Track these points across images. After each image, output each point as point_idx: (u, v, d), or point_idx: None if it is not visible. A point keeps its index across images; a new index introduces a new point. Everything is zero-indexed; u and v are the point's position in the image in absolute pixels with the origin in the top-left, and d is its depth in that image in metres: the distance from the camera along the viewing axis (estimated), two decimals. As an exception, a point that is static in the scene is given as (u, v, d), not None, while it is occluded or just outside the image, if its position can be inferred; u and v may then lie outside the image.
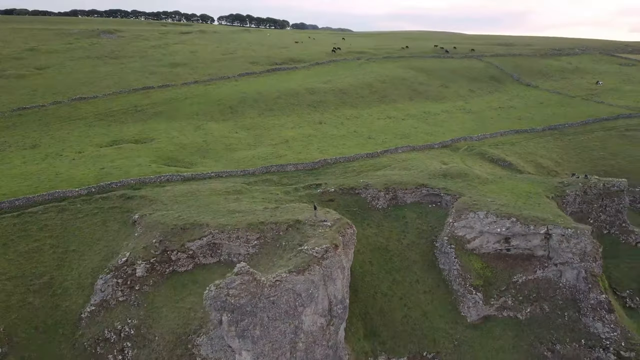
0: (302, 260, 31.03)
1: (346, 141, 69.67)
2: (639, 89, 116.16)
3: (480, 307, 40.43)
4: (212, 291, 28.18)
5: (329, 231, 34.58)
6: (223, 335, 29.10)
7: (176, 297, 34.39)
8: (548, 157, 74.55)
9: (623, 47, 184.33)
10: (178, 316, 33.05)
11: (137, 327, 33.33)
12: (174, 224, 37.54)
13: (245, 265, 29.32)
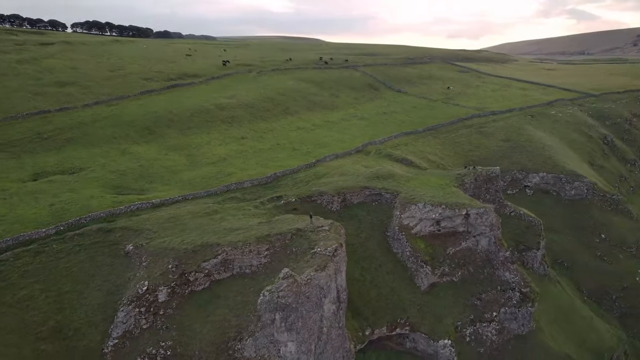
0: (320, 260, 37.99)
1: (277, 154, 76.42)
2: (478, 92, 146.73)
3: (429, 277, 52.14)
4: (267, 296, 33.45)
5: (331, 233, 42.00)
6: (273, 332, 34.47)
7: (205, 313, 37.79)
8: (434, 153, 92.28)
9: (458, 54, 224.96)
10: (212, 328, 36.76)
11: (172, 347, 35.98)
12: (184, 248, 40.35)
13: (289, 271, 35.17)
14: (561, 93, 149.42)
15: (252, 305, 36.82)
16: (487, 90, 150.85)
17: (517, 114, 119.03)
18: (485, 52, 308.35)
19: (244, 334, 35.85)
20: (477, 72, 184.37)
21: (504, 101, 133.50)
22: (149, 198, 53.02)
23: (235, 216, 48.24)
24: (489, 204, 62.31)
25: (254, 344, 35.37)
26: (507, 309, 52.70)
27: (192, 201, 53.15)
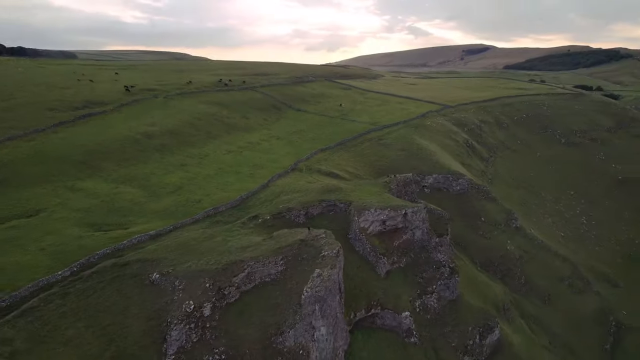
0: (329, 261, 48.32)
1: (226, 178, 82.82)
2: (365, 108, 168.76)
3: (386, 265, 65.82)
4: (309, 292, 42.62)
5: (328, 239, 52.31)
6: (312, 320, 43.67)
7: (244, 319, 44.74)
8: (349, 165, 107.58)
9: (336, 72, 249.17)
10: (255, 330, 44.13)
11: (225, 352, 42.43)
12: (214, 268, 46.39)
13: (320, 271, 44.64)
14: (429, 106, 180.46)
15: (285, 305, 45.50)
16: (372, 105, 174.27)
17: (403, 126, 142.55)
18: (353, 68, 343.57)
19: (283, 328, 44.33)
20: (357, 88, 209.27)
21: (389, 115, 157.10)
22: (140, 231, 56.13)
23: (234, 237, 55.20)
24: (410, 202, 79.07)
25: (294, 334, 44.14)
26: (442, 282, 69.17)
27: (183, 229, 57.94)
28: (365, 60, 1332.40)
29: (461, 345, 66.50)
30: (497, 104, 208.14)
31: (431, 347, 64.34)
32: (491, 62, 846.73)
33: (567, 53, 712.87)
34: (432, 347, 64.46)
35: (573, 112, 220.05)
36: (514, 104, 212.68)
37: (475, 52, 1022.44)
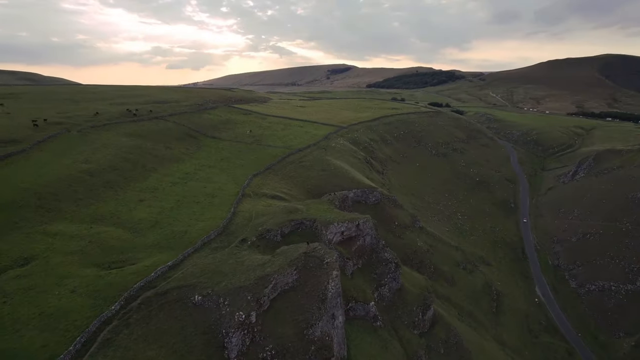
0: (333, 265, 61.56)
1: (192, 208, 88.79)
2: (274, 133, 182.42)
3: (351, 267, 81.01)
4: (333, 288, 55.18)
5: (326, 250, 65.14)
6: (334, 312, 56.22)
7: (279, 320, 55.18)
8: (285, 187, 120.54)
9: (229, 97, 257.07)
10: (290, 327, 54.97)
11: (274, 348, 52.60)
12: (249, 284, 55.62)
13: (337, 273, 57.29)
14: (326, 128, 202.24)
15: (308, 304, 57.50)
16: (277, 130, 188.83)
17: (314, 148, 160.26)
18: (241, 91, 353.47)
19: (312, 322, 56.29)
20: (257, 113, 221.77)
21: (297, 139, 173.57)
22: (154, 264, 61.52)
23: (243, 257, 64.45)
24: (359, 214, 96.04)
25: (321, 325, 56.41)
26: (390, 275, 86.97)
27: (192, 257, 64.80)
28: (236, 79, 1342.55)
29: (410, 322, 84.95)
30: (379, 123, 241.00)
31: (391, 327, 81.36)
32: (355, 81, 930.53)
33: (416, 73, 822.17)
34: (392, 326, 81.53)
35: (437, 127, 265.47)
36: (392, 122, 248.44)
37: (339, 72, 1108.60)
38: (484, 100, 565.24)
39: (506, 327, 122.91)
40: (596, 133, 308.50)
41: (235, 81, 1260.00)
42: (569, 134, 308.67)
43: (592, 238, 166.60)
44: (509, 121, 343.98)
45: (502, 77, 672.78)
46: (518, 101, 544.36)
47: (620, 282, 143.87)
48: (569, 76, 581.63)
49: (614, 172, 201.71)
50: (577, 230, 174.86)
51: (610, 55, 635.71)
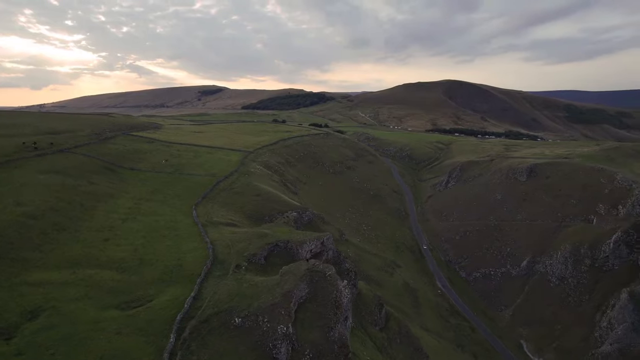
0: (335, 277, 72.38)
1: (165, 242, 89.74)
2: (189, 161, 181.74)
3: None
4: (348, 295, 65.85)
5: (324, 265, 75.13)
6: (347, 315, 66.90)
7: (306, 328, 63.75)
8: (231, 214, 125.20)
9: (120, 123, 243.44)
10: (317, 333, 64.10)
11: (310, 352, 61.29)
12: (277, 300, 62.85)
13: (346, 282, 67.91)
14: (236, 153, 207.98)
15: (324, 312, 67.47)
16: (191, 158, 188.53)
17: (238, 174, 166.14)
18: (121, 117, 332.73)
19: (331, 325, 66.39)
20: (159, 141, 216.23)
21: (217, 166, 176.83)
22: (174, 298, 64.24)
23: (251, 280, 70.88)
24: (320, 232, 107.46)
25: (338, 327, 66.86)
26: (352, 282, 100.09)
27: (206, 287, 68.76)
28: (93, 101, 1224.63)
29: (372, 321, 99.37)
30: (280, 146, 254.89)
31: (361, 326, 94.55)
32: (228, 102, 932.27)
33: (289, 95, 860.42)
34: (361, 325, 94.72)
35: (330, 147, 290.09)
36: (291, 145, 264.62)
37: (211, 93, 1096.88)
38: (355, 119, 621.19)
39: (425, 316, 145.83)
40: (453, 147, 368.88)
41: (93, 103, 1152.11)
42: (434, 148, 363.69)
43: (471, 235, 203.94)
44: (384, 139, 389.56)
45: (367, 98, 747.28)
46: (384, 120, 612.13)
47: (496, 267, 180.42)
48: (422, 97, 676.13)
49: (477, 179, 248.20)
50: (458, 230, 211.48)
51: (450, 81, 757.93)
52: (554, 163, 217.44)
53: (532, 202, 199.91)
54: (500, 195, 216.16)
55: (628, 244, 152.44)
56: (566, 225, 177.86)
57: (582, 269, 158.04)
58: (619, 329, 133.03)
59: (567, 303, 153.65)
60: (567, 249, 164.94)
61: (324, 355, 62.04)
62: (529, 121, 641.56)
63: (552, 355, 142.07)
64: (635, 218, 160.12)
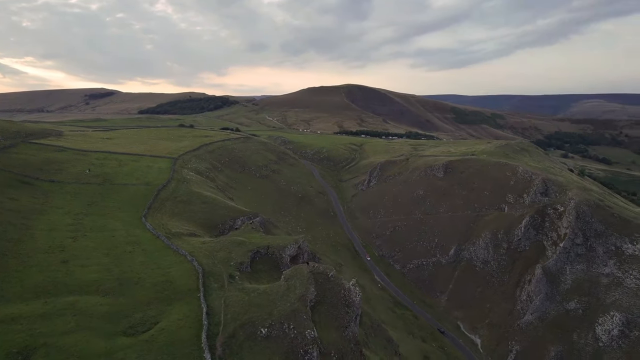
0: (338, 278, 72.96)
1: (138, 258, 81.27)
2: (114, 170, 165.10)
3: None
4: (359, 294, 66.85)
5: (326, 265, 74.80)
6: (359, 312, 67.90)
7: (324, 329, 63.38)
8: (185, 224, 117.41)
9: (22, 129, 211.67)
10: (335, 332, 64.27)
11: (332, 350, 61.28)
12: (295, 307, 61.27)
13: (355, 280, 68.66)
14: (163, 160, 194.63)
15: (338, 312, 67.91)
16: (114, 166, 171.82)
17: (175, 182, 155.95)
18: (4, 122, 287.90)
19: (345, 324, 67.13)
20: (71, 149, 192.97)
21: (148, 174, 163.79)
22: (181, 317, 59.00)
23: (256, 289, 68.09)
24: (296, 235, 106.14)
25: (352, 326, 67.80)
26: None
27: (210, 301, 64.18)
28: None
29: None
30: (203, 151, 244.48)
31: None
32: (122, 106, 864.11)
33: (190, 99, 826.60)
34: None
35: (252, 152, 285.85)
36: (215, 150, 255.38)
37: (100, 96, 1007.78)
38: (263, 123, 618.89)
39: (377, 310, 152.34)
40: (366, 147, 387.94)
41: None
42: (349, 149, 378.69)
43: (400, 229, 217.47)
44: (301, 142, 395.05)
45: (273, 101, 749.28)
46: (292, 123, 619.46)
47: (427, 258, 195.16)
48: (327, 101, 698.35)
49: (397, 178, 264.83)
50: (388, 226, 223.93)
51: (351, 85, 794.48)
52: (465, 160, 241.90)
53: (451, 196, 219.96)
54: (422, 191, 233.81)
55: (535, 227, 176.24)
56: (483, 215, 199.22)
57: (500, 252, 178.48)
58: (537, 299, 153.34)
59: (492, 283, 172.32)
60: (487, 236, 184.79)
61: (346, 356, 62.69)
62: (423, 122, 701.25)
63: (485, 331, 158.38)
64: (537, 204, 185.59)
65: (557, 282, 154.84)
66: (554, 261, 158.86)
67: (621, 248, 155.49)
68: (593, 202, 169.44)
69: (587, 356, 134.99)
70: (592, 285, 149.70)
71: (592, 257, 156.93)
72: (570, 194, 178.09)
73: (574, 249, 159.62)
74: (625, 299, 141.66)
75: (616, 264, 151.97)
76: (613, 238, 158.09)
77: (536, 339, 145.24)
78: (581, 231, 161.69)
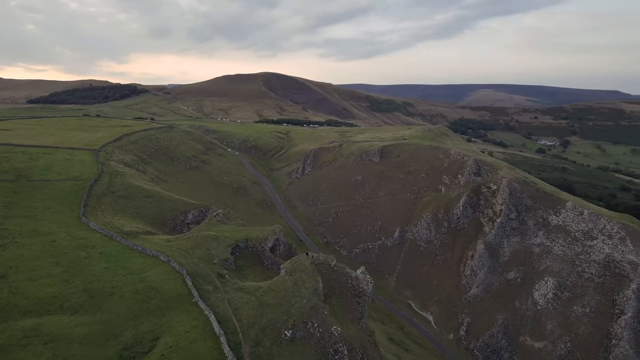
0: (341, 267, 67.82)
1: (100, 264, 67.85)
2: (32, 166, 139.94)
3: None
4: (371, 282, 62.36)
5: (325, 255, 68.76)
6: (367, 303, 63.52)
7: (342, 323, 58.00)
8: (134, 222, 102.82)
9: None
10: (352, 327, 59.30)
11: (359, 346, 56.42)
12: (313, 302, 54.81)
13: (364, 268, 63.81)
14: (84, 153, 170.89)
15: (348, 303, 63.03)
16: (25, 160, 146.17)
17: (108, 176, 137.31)
18: None
19: (359, 316, 62.55)
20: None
21: (71, 168, 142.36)
22: (194, 327, 49.33)
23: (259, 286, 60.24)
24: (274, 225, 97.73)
25: (365, 316, 63.41)
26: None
27: (215, 306, 54.96)
28: None
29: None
30: (126, 142, 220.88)
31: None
32: (6, 95, 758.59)
33: (91, 87, 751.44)
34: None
35: (178, 142, 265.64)
36: (138, 141, 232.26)
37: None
38: (178, 113, 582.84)
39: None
40: (293, 136, 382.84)
41: None
42: (276, 138, 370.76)
43: (342, 215, 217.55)
44: (225, 131, 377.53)
45: (186, 90, 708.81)
46: (209, 113, 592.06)
47: (373, 241, 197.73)
48: (244, 90, 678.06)
49: (332, 164, 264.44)
50: (329, 212, 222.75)
51: (268, 73, 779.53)
52: (399, 144, 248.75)
53: (390, 180, 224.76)
54: (360, 176, 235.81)
55: (472, 205, 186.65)
56: (422, 197, 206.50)
57: (442, 231, 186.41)
58: (481, 273, 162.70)
59: (436, 262, 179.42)
60: (428, 217, 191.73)
61: (367, 348, 58.51)
62: (341, 111, 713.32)
63: (435, 307, 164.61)
64: (472, 184, 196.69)
65: (497, 255, 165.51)
66: (493, 236, 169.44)
67: (547, 220, 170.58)
68: (521, 180, 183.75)
69: (528, 320, 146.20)
70: (527, 255, 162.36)
71: (525, 229, 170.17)
72: (501, 173, 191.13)
73: (509, 224, 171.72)
74: (555, 265, 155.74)
75: (545, 234, 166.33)
76: (540, 211, 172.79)
77: (483, 309, 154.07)
78: (514, 206, 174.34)
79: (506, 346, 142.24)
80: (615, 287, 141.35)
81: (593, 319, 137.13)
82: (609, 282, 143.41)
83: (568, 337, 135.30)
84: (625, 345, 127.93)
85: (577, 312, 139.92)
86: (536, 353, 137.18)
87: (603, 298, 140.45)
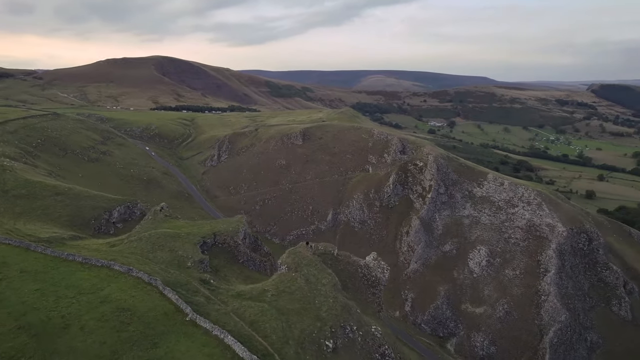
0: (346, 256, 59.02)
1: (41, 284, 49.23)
2: None
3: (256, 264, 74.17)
4: (385, 270, 54.65)
5: (327, 245, 58.90)
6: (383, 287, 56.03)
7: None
8: (37, 226, 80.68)
9: None
10: (373, 320, 51.32)
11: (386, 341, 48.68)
12: (341, 301, 45.20)
13: (375, 254, 55.63)
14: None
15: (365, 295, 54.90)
16: None
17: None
18: None
19: (379, 307, 54.82)
20: None
21: None
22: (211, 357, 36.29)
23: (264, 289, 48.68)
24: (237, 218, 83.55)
25: (383, 308, 55.84)
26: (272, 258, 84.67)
27: (226, 324, 42.08)
28: None
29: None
30: (2, 132, 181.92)
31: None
32: None
33: None
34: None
35: (70, 131, 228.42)
36: (18, 130, 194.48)
37: None
38: (56, 101, 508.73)
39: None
40: (199, 122, 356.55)
41: None
42: (181, 125, 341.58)
43: (270, 202, 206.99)
44: (121, 119, 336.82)
45: (63, 75, 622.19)
46: (95, 100, 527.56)
47: (306, 226, 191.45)
48: (134, 75, 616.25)
49: (251, 150, 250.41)
50: (255, 200, 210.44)
51: (161, 57, 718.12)
52: (321, 126, 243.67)
53: (315, 162, 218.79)
54: (284, 161, 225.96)
55: (401, 183, 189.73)
56: (350, 177, 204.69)
57: (374, 210, 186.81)
58: (418, 248, 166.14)
59: (372, 241, 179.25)
60: (359, 197, 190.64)
61: (394, 343, 51.21)
62: (242, 96, 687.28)
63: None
64: (399, 162, 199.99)
65: (431, 230, 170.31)
66: (426, 211, 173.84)
67: (472, 192, 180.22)
68: (445, 155, 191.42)
69: (467, 288, 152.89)
70: (459, 227, 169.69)
71: (453, 203, 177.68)
72: (425, 150, 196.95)
73: (439, 198, 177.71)
74: (485, 234, 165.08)
75: (472, 206, 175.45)
76: (465, 184, 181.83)
77: (425, 283, 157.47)
78: (442, 181, 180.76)
79: (450, 316, 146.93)
80: (538, 248, 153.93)
81: (523, 280, 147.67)
82: (532, 245, 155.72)
83: (504, 299, 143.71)
84: (553, 299, 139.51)
85: (509, 276, 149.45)
86: (478, 318, 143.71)
87: (529, 260, 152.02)
